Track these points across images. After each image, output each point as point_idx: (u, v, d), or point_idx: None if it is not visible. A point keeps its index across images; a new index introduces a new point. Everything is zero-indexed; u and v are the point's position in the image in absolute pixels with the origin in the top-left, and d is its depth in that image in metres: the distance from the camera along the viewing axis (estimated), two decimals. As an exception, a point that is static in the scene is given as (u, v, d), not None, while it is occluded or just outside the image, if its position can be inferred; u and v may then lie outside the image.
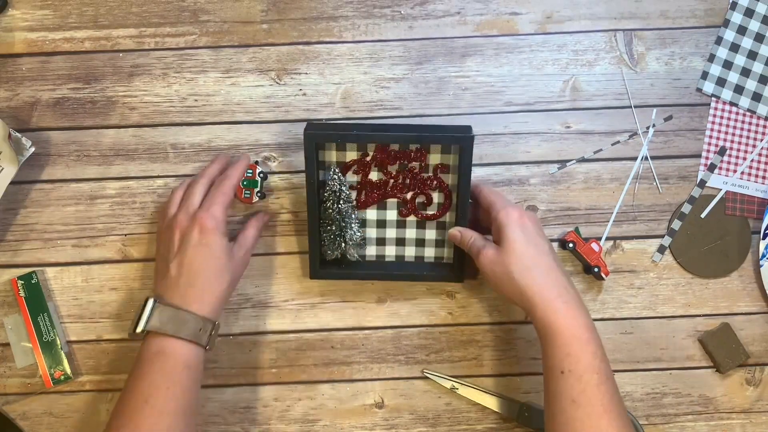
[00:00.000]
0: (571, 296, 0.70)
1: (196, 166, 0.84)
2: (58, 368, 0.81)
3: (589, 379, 0.67)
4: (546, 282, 0.70)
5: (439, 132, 0.77)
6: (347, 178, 0.80)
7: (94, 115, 0.85)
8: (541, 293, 0.70)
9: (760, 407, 0.83)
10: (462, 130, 0.78)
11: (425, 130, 0.78)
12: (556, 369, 0.68)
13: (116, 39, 0.85)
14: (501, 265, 0.72)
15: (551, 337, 0.69)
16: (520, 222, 0.73)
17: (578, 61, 0.85)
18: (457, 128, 0.79)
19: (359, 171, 0.80)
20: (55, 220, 0.84)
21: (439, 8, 0.85)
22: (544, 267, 0.71)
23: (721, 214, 0.85)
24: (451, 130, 0.78)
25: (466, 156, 0.76)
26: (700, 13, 0.86)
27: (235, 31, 0.85)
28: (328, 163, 0.80)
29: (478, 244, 0.75)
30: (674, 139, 0.85)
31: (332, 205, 0.79)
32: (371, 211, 0.82)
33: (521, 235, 0.72)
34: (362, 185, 0.80)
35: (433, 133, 0.77)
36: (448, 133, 0.77)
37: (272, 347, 0.84)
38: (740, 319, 0.84)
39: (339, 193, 0.79)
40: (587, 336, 0.68)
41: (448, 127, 0.80)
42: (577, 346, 0.68)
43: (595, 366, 0.67)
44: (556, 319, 0.69)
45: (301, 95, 0.85)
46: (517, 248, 0.72)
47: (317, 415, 0.83)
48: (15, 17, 0.85)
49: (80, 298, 0.84)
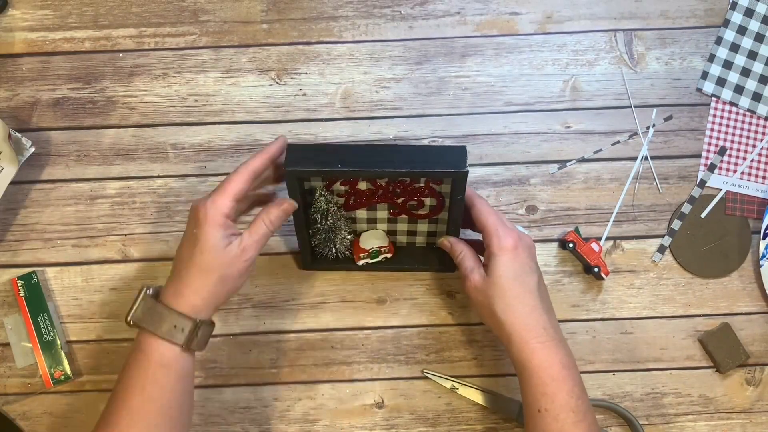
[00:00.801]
0: (550, 336, 0.69)
1: (196, 166, 0.84)
2: (58, 368, 0.81)
3: (566, 418, 0.67)
4: (526, 321, 0.70)
5: (431, 158, 0.70)
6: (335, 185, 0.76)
7: (94, 115, 0.85)
8: (519, 332, 0.69)
9: (760, 407, 0.83)
10: (456, 156, 0.70)
11: (417, 158, 0.70)
12: (533, 407, 0.68)
13: (116, 39, 0.85)
14: (484, 296, 0.71)
15: (527, 376, 0.69)
16: (513, 254, 0.70)
17: (578, 61, 0.85)
18: (452, 154, 0.71)
19: (346, 183, 0.76)
20: (55, 220, 0.84)
21: (439, 8, 0.85)
22: (526, 306, 0.70)
23: (721, 214, 0.85)
24: (445, 157, 0.70)
25: (458, 189, 0.72)
26: (700, 13, 0.86)
27: (235, 31, 0.85)
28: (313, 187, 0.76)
29: (466, 265, 0.74)
30: (674, 139, 0.85)
31: (321, 221, 0.77)
32: (361, 210, 0.80)
33: (510, 270, 0.70)
34: (350, 193, 0.77)
35: (425, 159, 0.70)
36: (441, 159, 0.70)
37: (272, 347, 0.84)
38: (740, 319, 0.84)
39: (326, 211, 0.76)
40: (563, 374, 0.68)
41: (442, 150, 0.72)
42: (552, 386, 0.68)
43: (571, 405, 0.67)
44: (531, 359, 0.68)
45: (301, 95, 0.85)
46: (502, 283, 0.70)
47: (317, 415, 0.83)
48: (15, 17, 0.85)
49: (80, 298, 0.84)
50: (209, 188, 0.84)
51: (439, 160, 0.70)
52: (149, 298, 0.68)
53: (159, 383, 0.67)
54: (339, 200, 0.77)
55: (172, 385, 0.68)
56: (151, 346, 0.68)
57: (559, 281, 0.84)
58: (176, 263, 0.70)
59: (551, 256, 0.84)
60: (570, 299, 0.84)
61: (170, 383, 0.68)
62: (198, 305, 0.68)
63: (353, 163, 0.70)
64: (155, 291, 0.70)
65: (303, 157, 0.70)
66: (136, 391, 0.67)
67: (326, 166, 0.70)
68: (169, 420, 0.68)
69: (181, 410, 0.69)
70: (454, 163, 0.70)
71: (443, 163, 0.70)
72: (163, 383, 0.67)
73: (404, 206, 0.78)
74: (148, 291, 0.69)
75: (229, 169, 0.84)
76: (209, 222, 0.68)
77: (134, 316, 0.68)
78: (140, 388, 0.67)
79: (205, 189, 0.84)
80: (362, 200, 0.77)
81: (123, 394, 0.67)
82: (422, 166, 0.69)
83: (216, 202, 0.68)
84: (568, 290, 0.84)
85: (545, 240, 0.84)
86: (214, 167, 0.84)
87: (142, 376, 0.67)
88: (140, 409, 0.66)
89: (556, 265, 0.84)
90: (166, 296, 0.69)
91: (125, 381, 0.68)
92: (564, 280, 0.84)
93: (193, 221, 0.69)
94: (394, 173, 0.71)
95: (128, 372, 0.68)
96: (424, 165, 0.70)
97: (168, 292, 0.69)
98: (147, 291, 0.69)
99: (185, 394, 0.70)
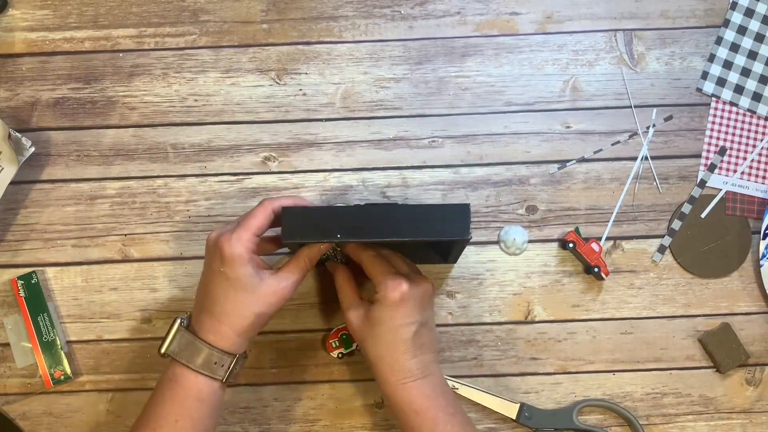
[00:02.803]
0: (414, 376, 0.70)
1: (196, 166, 0.84)
2: (58, 368, 0.81)
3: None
4: (393, 366, 0.70)
5: (433, 220, 0.68)
6: None
7: (94, 115, 0.85)
8: (384, 374, 0.70)
9: (760, 407, 0.83)
10: (459, 218, 0.68)
11: (418, 221, 0.68)
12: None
13: (116, 39, 0.85)
14: (359, 335, 0.72)
15: (395, 413, 0.71)
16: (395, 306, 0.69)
17: (578, 61, 0.85)
18: (455, 215, 0.68)
19: None
20: (55, 220, 0.84)
21: (439, 8, 0.85)
22: (396, 352, 0.70)
23: (721, 214, 0.85)
24: (447, 218, 0.68)
25: (457, 251, 0.75)
26: (700, 13, 0.86)
27: (235, 31, 0.85)
28: None
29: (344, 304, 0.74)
30: (674, 139, 0.85)
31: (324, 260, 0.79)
32: None
33: (387, 320, 0.70)
34: None
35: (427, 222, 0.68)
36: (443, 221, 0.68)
37: (272, 347, 0.84)
38: (740, 319, 0.84)
39: (328, 258, 0.79)
40: (425, 405, 0.70)
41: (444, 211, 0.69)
42: (417, 419, 0.69)
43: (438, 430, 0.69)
44: (394, 397, 0.70)
45: (301, 95, 0.85)
46: (376, 331, 0.70)
47: (317, 415, 0.83)
48: (15, 17, 0.85)
49: (80, 298, 0.84)
50: (209, 188, 0.84)
51: (442, 224, 0.68)
52: (185, 331, 0.68)
53: (192, 417, 0.67)
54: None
55: (204, 418, 0.68)
56: (189, 380, 0.67)
57: (559, 281, 0.84)
58: (207, 300, 0.69)
59: (551, 256, 0.84)
60: (570, 299, 0.84)
61: (203, 416, 0.68)
62: (236, 342, 0.69)
63: (353, 231, 0.68)
64: (188, 321, 0.70)
65: (300, 226, 0.68)
66: (168, 422, 0.67)
67: (325, 237, 0.69)
68: None
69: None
70: (457, 229, 0.68)
71: (446, 229, 0.68)
72: (195, 416, 0.67)
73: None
74: (183, 322, 0.69)
75: (229, 168, 0.84)
76: (237, 260, 0.67)
77: (170, 350, 0.68)
78: (173, 420, 0.67)
79: (205, 189, 0.84)
80: None
81: (153, 424, 0.67)
82: (424, 233, 0.68)
83: (241, 238, 0.67)
84: (568, 290, 0.84)
85: (545, 240, 0.84)
86: (214, 167, 0.84)
87: (177, 409, 0.67)
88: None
89: (556, 265, 0.84)
90: (201, 331, 0.68)
91: (157, 410, 0.67)
92: (564, 280, 0.84)
93: (218, 259, 0.68)
94: (395, 243, 0.72)
95: (161, 402, 0.68)
96: (426, 231, 0.68)
97: (203, 327, 0.68)
98: (182, 323, 0.69)
99: (213, 425, 0.70)
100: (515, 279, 0.84)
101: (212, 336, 0.68)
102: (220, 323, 0.68)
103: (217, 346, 0.68)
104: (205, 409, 0.68)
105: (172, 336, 0.68)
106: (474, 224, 0.84)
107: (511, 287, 0.84)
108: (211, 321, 0.68)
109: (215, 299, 0.68)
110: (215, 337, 0.68)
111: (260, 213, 0.69)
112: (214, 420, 0.70)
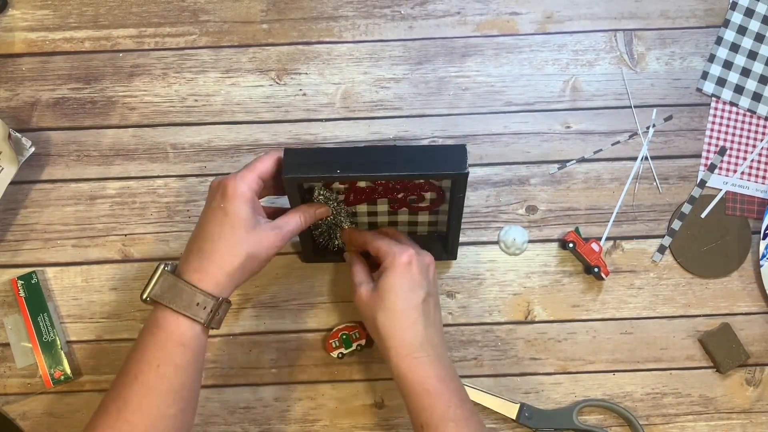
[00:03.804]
0: (426, 352, 0.70)
1: (195, 166, 0.84)
2: (58, 368, 0.81)
3: (445, 428, 0.67)
4: (404, 337, 0.70)
5: (431, 158, 0.70)
6: (334, 184, 0.76)
7: (94, 115, 0.85)
8: (396, 348, 0.70)
9: (760, 407, 0.83)
10: (456, 156, 0.70)
11: (416, 159, 0.70)
12: (416, 423, 0.69)
13: (116, 39, 0.85)
14: (370, 309, 0.71)
15: (405, 392, 0.70)
16: (404, 269, 0.70)
17: (578, 61, 0.85)
18: (452, 153, 0.70)
19: (346, 181, 0.76)
20: (55, 220, 0.84)
21: (439, 8, 0.85)
22: (407, 320, 0.70)
23: (721, 214, 0.85)
24: (445, 157, 0.70)
25: (459, 189, 0.72)
26: (700, 13, 0.86)
27: (235, 31, 0.85)
28: (312, 186, 0.76)
29: (356, 279, 0.74)
30: (674, 139, 0.85)
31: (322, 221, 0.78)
32: (361, 205, 0.79)
33: (397, 284, 0.70)
34: (350, 191, 0.77)
35: (425, 159, 0.70)
36: (441, 159, 0.70)
37: (272, 347, 0.84)
38: (740, 319, 0.84)
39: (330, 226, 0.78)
40: (439, 388, 0.69)
41: (442, 150, 0.72)
42: (428, 399, 0.68)
43: (449, 415, 0.68)
44: (407, 374, 0.69)
45: (301, 95, 0.85)
46: (387, 296, 0.70)
47: (317, 415, 0.83)
48: (15, 17, 0.85)
49: (80, 298, 0.84)
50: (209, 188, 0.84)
51: (439, 161, 0.70)
52: (168, 274, 0.67)
53: (175, 362, 0.66)
54: (339, 196, 0.77)
55: (187, 365, 0.67)
56: (170, 323, 0.66)
57: (559, 281, 0.84)
58: (199, 239, 0.68)
59: (551, 256, 0.84)
60: (570, 299, 0.84)
61: (185, 362, 0.67)
62: (222, 282, 0.67)
63: (352, 167, 0.69)
64: (173, 267, 0.68)
65: (300, 163, 0.69)
66: (152, 367, 0.65)
67: (325, 172, 0.69)
68: (180, 400, 0.67)
69: (191, 390, 0.68)
70: (454, 164, 0.69)
71: (443, 164, 0.69)
72: (178, 362, 0.66)
73: (404, 201, 0.78)
74: (167, 267, 0.68)
75: (229, 169, 0.84)
76: (239, 197, 0.67)
77: (153, 293, 0.66)
78: (155, 365, 0.65)
79: (205, 189, 0.84)
80: (362, 197, 0.77)
81: (135, 369, 0.66)
82: (422, 167, 0.69)
83: (245, 178, 0.68)
84: (568, 290, 0.84)
85: (545, 240, 0.84)
86: (214, 167, 0.85)
87: (159, 353, 0.66)
88: (153, 386, 0.65)
89: (556, 265, 0.84)
90: (187, 272, 0.67)
91: (138, 356, 0.66)
92: (564, 280, 0.84)
93: (219, 196, 0.68)
94: (393, 176, 0.71)
95: (143, 347, 0.66)
96: (424, 166, 0.69)
97: (189, 268, 0.67)
98: (165, 267, 0.68)
99: (197, 374, 0.69)
100: (515, 279, 0.84)
101: (197, 275, 0.66)
102: (209, 262, 0.67)
103: (200, 287, 0.66)
104: (188, 354, 0.67)
105: (156, 280, 0.66)
106: (474, 224, 0.84)
107: (511, 287, 0.84)
108: (200, 260, 0.67)
109: (208, 236, 0.67)
110: (200, 276, 0.66)
111: (266, 158, 0.70)
112: (197, 369, 0.68)
